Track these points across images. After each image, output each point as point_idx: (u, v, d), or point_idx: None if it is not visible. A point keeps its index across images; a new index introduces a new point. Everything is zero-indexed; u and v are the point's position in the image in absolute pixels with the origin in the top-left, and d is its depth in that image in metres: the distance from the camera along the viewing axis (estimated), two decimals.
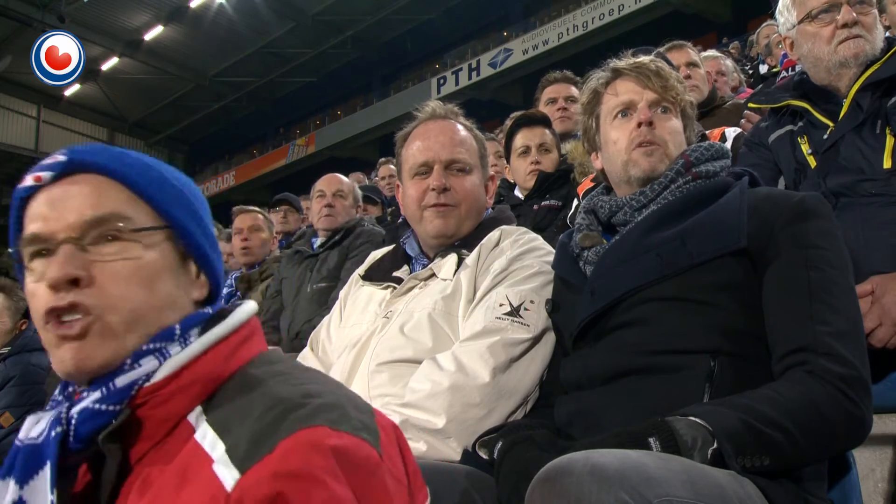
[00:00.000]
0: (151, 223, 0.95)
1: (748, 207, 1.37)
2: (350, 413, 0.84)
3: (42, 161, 0.97)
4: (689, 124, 1.60)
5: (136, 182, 0.95)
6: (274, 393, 0.86)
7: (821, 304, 1.25)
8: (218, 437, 0.84)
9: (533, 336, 1.57)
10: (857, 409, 1.18)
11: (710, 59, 4.23)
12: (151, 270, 0.93)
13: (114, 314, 0.90)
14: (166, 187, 0.98)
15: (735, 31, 16.71)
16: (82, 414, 0.87)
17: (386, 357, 1.62)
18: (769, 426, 1.12)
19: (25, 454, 0.87)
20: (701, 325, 1.31)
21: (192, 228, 0.99)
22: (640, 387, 1.32)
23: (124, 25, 21.86)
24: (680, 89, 1.58)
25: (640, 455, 1.01)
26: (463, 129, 1.88)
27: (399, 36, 24.81)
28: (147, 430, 0.89)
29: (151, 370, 0.90)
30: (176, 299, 0.96)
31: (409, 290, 1.77)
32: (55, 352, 0.91)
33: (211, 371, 0.92)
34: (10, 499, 0.85)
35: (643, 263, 1.39)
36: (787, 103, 2.08)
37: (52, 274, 0.89)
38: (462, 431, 1.43)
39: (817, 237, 1.32)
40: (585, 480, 0.92)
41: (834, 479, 1.34)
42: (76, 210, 0.92)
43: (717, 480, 1.04)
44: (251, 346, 0.98)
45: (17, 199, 0.97)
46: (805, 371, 1.20)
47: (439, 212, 1.79)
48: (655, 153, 1.52)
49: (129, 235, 0.92)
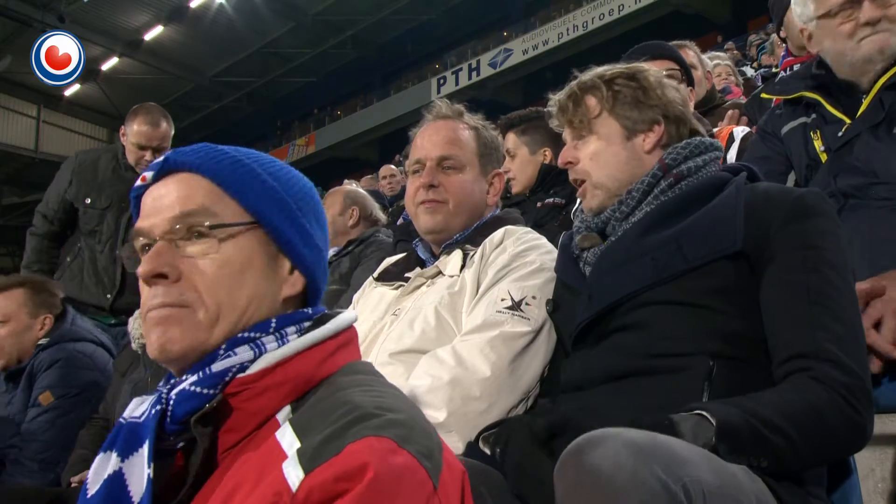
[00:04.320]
0: (237, 219, 0.97)
1: (745, 205, 1.35)
2: (418, 436, 0.84)
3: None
4: (625, 122, 1.51)
5: (224, 178, 0.98)
6: (351, 399, 0.87)
7: (821, 307, 1.24)
8: (296, 437, 0.86)
9: (533, 330, 1.57)
10: (859, 417, 1.17)
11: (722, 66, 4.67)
12: (236, 266, 0.96)
13: (199, 307, 0.94)
14: (255, 183, 1.00)
15: (735, 31, 16.71)
16: (180, 395, 0.91)
17: (393, 348, 1.64)
18: (770, 429, 1.12)
19: (127, 431, 0.93)
20: (699, 329, 1.30)
21: (281, 225, 1.00)
22: (640, 388, 1.31)
23: (124, 25, 21.86)
24: (591, 105, 1.52)
25: (665, 437, 1.01)
26: (465, 127, 1.89)
27: (399, 36, 24.83)
28: (238, 420, 0.92)
29: (247, 360, 0.93)
30: (264, 295, 0.98)
31: (416, 287, 1.79)
32: (147, 338, 0.97)
33: (304, 372, 0.94)
34: (112, 470, 0.91)
35: (638, 268, 1.38)
36: (801, 94, 2.00)
37: (142, 268, 0.95)
38: (463, 425, 1.44)
39: (816, 237, 1.30)
40: (622, 452, 0.91)
41: (834, 479, 1.34)
42: (168, 207, 0.97)
43: (734, 472, 1.04)
44: (346, 353, 1.00)
45: (133, 198, 1.04)
46: (809, 377, 1.19)
47: (428, 208, 1.82)
48: (586, 192, 1.54)
49: (214, 232, 0.96)
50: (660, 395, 1.27)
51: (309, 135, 26.59)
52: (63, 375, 3.04)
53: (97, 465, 0.93)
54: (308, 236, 1.03)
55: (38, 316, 3.17)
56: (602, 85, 1.53)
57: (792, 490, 1.16)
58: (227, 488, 0.87)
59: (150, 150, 3.59)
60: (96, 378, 3.15)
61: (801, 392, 1.18)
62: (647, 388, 1.30)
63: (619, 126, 1.52)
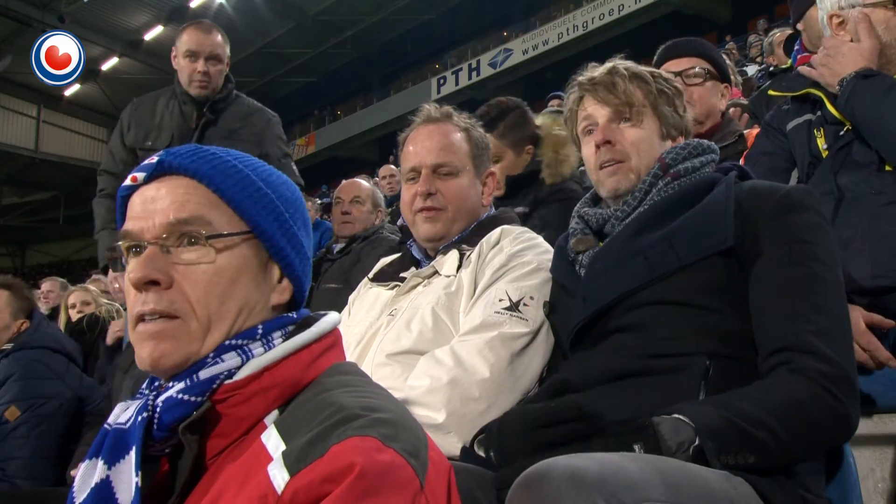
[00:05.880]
0: (232, 228, 0.96)
1: (734, 202, 1.36)
2: (404, 435, 0.84)
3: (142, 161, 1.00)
4: (667, 120, 1.56)
5: (220, 185, 0.97)
6: (337, 401, 0.87)
7: (805, 301, 1.25)
8: (281, 440, 0.86)
9: (531, 331, 1.57)
10: (842, 407, 1.17)
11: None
12: (229, 275, 0.95)
13: (190, 318, 0.93)
14: (251, 190, 0.99)
15: (735, 31, 16.71)
16: (167, 403, 0.91)
17: (390, 349, 1.64)
18: (753, 424, 1.12)
19: (113, 437, 0.92)
20: (694, 329, 1.31)
21: (274, 233, 0.99)
22: (638, 388, 1.32)
23: (124, 25, 21.85)
24: (640, 94, 1.53)
25: (622, 458, 1.01)
26: (456, 130, 1.88)
27: (399, 36, 24.83)
28: (225, 427, 0.92)
29: (234, 367, 0.92)
30: (255, 303, 0.98)
31: (412, 287, 1.79)
32: (136, 349, 0.95)
33: (291, 376, 0.94)
34: (99, 478, 0.90)
35: (631, 268, 1.39)
36: (807, 91, 2.00)
37: (134, 274, 0.93)
38: (462, 426, 1.44)
39: (802, 231, 1.31)
40: (563, 486, 0.92)
41: (833, 478, 1.34)
42: (162, 212, 0.95)
43: (706, 482, 1.04)
44: (331, 356, 1.00)
45: (119, 198, 1.02)
46: (789, 370, 1.20)
47: (427, 216, 1.82)
48: (619, 171, 1.51)
49: (209, 240, 0.94)
50: (657, 395, 1.27)
51: (309, 135, 26.57)
52: (23, 388, 3.03)
53: (84, 473, 0.93)
54: (298, 243, 1.03)
55: (18, 319, 3.20)
56: (651, 80, 1.56)
57: (783, 486, 1.15)
58: (214, 493, 0.87)
59: (203, 59, 3.28)
60: (56, 385, 3.14)
61: (782, 385, 1.18)
62: (645, 389, 1.30)
63: (659, 124, 1.55)
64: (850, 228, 1.75)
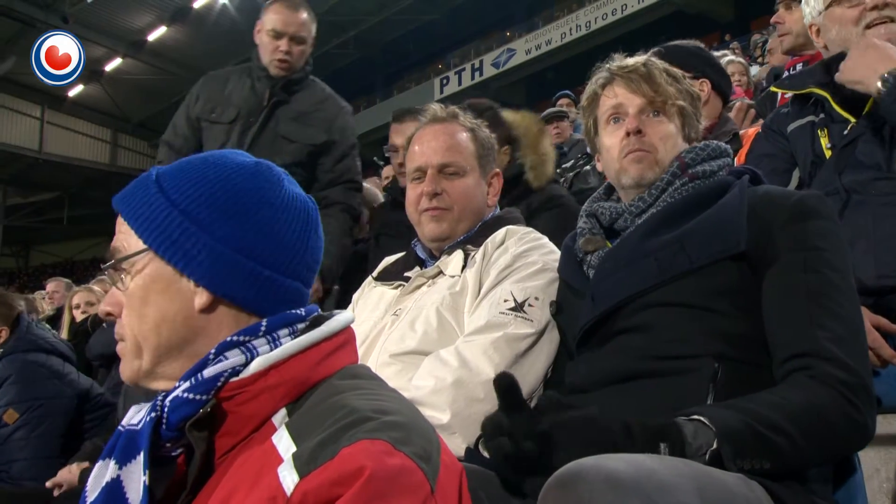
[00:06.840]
0: (132, 250, 0.99)
1: (747, 207, 1.35)
2: (415, 438, 0.84)
3: None
4: (689, 122, 1.57)
5: (122, 211, 1.01)
6: (349, 403, 0.87)
7: (820, 308, 1.24)
8: (292, 441, 0.86)
9: (536, 331, 1.57)
10: (860, 415, 1.17)
11: (735, 63, 4.70)
12: (139, 295, 0.98)
13: (128, 340, 1.00)
14: (138, 204, 0.98)
15: (738, 31, 16.69)
16: (173, 402, 0.92)
17: (394, 349, 1.64)
18: (771, 430, 1.12)
19: (125, 438, 0.94)
20: (703, 331, 1.30)
21: (163, 243, 0.96)
22: (645, 390, 1.31)
23: (128, 26, 21.88)
24: (673, 91, 1.54)
25: (651, 460, 1.00)
26: (461, 130, 1.88)
27: (402, 36, 24.83)
28: (233, 424, 0.92)
29: (238, 364, 0.92)
30: (174, 315, 0.97)
31: (417, 287, 1.79)
32: None
33: (299, 375, 0.94)
34: (110, 477, 0.92)
35: (642, 269, 1.38)
36: (810, 90, 2.00)
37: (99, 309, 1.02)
38: (467, 427, 1.43)
39: (817, 238, 1.31)
40: (599, 487, 0.91)
41: (839, 479, 1.34)
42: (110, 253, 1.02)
43: (727, 485, 1.03)
44: (343, 355, 0.99)
45: None
46: (808, 375, 1.19)
47: (433, 216, 1.82)
48: (645, 160, 1.50)
49: (122, 267, 0.99)
50: (665, 397, 1.26)
51: None
52: (20, 390, 3.05)
53: (96, 472, 0.94)
54: (216, 242, 0.95)
55: None
56: (682, 80, 1.57)
57: (795, 491, 1.15)
58: (224, 492, 0.87)
59: (286, 39, 3.13)
60: (55, 385, 3.15)
61: (801, 391, 1.18)
62: (653, 391, 1.30)
63: (683, 123, 1.55)
64: (854, 227, 1.75)
